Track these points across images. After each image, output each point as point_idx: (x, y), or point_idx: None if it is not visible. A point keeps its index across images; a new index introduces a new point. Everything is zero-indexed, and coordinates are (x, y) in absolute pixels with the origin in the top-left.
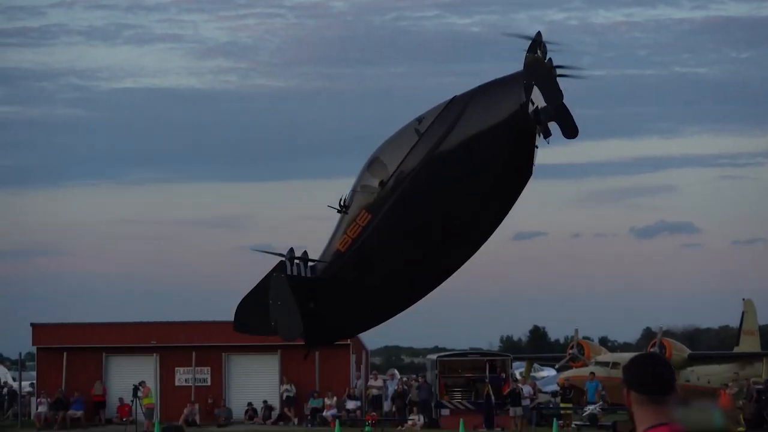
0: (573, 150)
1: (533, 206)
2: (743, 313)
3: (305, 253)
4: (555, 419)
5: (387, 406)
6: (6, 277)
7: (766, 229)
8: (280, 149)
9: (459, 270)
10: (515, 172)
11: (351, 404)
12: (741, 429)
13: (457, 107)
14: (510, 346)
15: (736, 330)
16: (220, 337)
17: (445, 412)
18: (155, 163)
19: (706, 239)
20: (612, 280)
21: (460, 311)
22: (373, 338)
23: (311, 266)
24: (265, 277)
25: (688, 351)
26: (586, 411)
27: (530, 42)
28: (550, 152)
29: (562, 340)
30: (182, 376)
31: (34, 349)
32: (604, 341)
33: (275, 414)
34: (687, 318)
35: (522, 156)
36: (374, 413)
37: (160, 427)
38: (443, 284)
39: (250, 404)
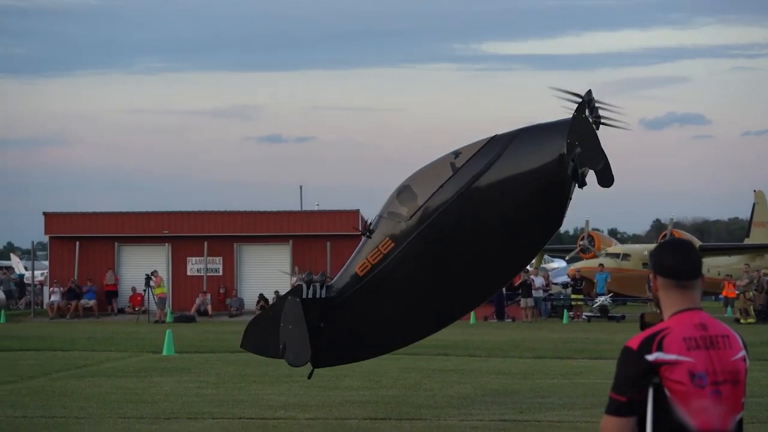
0: (584, 41)
1: (542, 97)
2: (754, 204)
3: (323, 274)
4: (566, 310)
5: None
6: (18, 167)
7: None
8: (292, 38)
9: None
10: (545, 221)
11: None
12: (751, 320)
13: (496, 147)
14: None
15: (745, 222)
16: (232, 226)
17: None
18: (164, 52)
19: (716, 130)
20: (621, 172)
21: None
22: None
23: (327, 286)
24: (281, 298)
25: (699, 242)
26: (596, 302)
27: (579, 102)
28: (561, 43)
29: (571, 232)
30: (194, 265)
31: (46, 239)
32: (613, 233)
33: None
34: (696, 210)
35: (554, 206)
36: None
37: (172, 316)
38: None
39: (261, 294)
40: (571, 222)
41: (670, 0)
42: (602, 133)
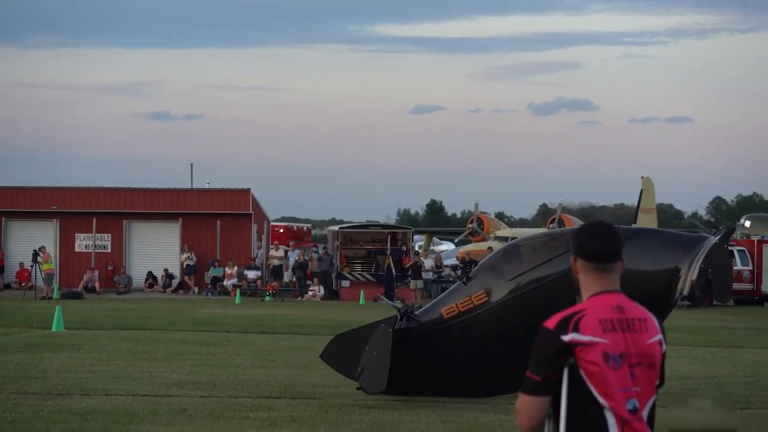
0: (477, 25)
1: (433, 80)
2: (642, 190)
3: (411, 307)
4: None
5: (287, 276)
6: None
7: (664, 108)
8: (184, 16)
9: (363, 149)
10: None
11: (251, 274)
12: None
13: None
14: (407, 220)
15: (630, 208)
16: (121, 203)
17: (346, 283)
18: (57, 27)
19: (604, 117)
20: (509, 156)
21: (357, 184)
22: (271, 208)
23: (413, 317)
24: (374, 323)
25: None
26: None
27: (725, 231)
28: (454, 26)
29: (459, 215)
30: (82, 242)
31: None
32: (500, 217)
33: (175, 282)
34: (583, 195)
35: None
36: (275, 283)
37: (59, 292)
38: (346, 158)
39: (150, 272)
40: (459, 205)
41: None
42: (489, 116)
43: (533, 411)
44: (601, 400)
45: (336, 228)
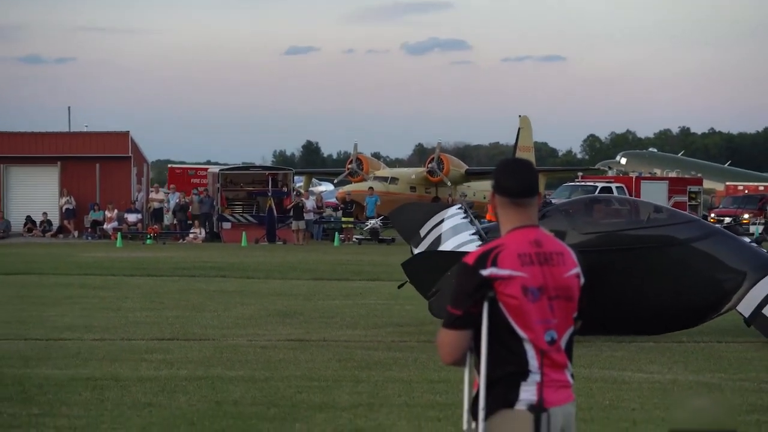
0: None
1: (307, 21)
2: (519, 129)
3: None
4: (336, 233)
5: (168, 219)
6: None
7: (537, 47)
8: None
9: (237, 91)
10: (687, 311)
11: (132, 217)
12: None
13: (694, 229)
14: (283, 162)
15: (505, 147)
16: None
17: (227, 225)
18: None
19: (477, 56)
20: (383, 97)
21: (231, 126)
22: (146, 151)
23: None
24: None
25: (465, 167)
26: (367, 225)
27: None
28: None
29: (335, 156)
30: None
31: None
32: (376, 157)
33: (55, 227)
34: (458, 135)
35: (704, 310)
36: (156, 226)
37: None
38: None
39: (29, 217)
40: (334, 145)
41: None
42: (363, 57)
43: (454, 345)
44: (520, 332)
45: (216, 170)
